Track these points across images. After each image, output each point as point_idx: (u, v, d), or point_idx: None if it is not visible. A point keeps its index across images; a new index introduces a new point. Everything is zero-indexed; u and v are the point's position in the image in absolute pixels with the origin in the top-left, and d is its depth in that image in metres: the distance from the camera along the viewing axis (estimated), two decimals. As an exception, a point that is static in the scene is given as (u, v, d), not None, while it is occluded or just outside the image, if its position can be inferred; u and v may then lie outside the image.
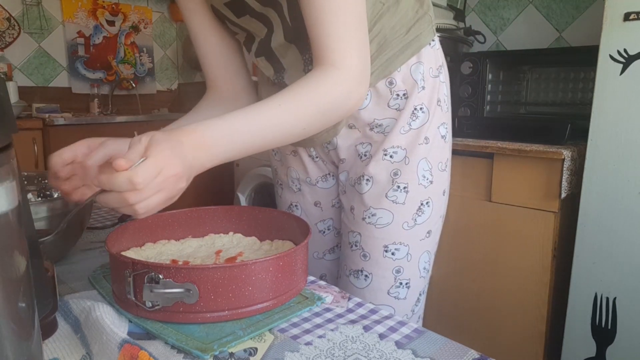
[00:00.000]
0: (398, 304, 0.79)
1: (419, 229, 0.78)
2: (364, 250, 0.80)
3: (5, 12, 2.78)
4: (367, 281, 0.80)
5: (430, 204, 0.78)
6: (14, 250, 0.32)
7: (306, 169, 0.90)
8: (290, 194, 0.95)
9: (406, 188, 0.77)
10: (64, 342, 0.54)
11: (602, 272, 1.37)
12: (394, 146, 0.76)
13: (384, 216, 0.78)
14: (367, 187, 0.79)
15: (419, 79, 0.75)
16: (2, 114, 0.31)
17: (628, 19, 1.24)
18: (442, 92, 0.78)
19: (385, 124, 0.77)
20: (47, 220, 0.70)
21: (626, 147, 1.28)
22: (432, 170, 0.78)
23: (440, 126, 0.78)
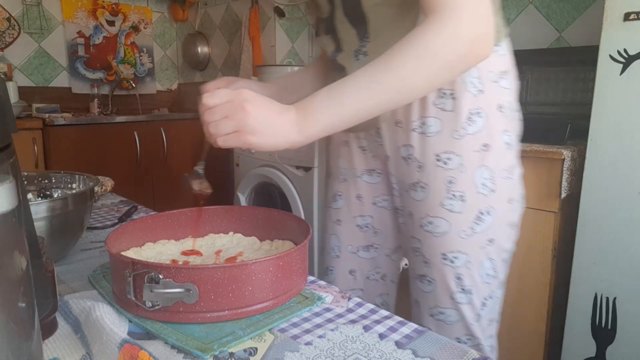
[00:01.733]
0: (462, 308, 0.79)
1: (478, 237, 0.76)
2: (424, 256, 0.80)
3: (5, 12, 2.78)
4: (431, 286, 0.80)
5: (491, 212, 0.75)
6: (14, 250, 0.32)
7: (353, 159, 0.91)
8: (336, 184, 0.96)
9: (463, 197, 0.74)
10: (64, 342, 0.54)
11: (602, 272, 1.37)
12: (447, 152, 0.74)
13: (440, 225, 0.76)
14: (422, 194, 0.78)
15: (470, 81, 0.72)
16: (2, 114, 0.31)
17: (628, 19, 1.24)
18: (505, 98, 0.75)
19: (428, 124, 0.74)
20: (47, 220, 0.70)
21: (626, 147, 1.28)
22: (494, 179, 0.75)
23: (503, 133, 0.75)
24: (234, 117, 0.60)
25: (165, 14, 3.56)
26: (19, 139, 2.31)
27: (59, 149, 2.46)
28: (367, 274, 0.96)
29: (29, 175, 0.91)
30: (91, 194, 0.80)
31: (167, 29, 3.59)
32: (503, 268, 0.80)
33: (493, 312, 0.82)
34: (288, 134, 0.62)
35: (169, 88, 3.66)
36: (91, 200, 0.80)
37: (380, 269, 0.96)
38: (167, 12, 3.57)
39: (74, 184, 0.92)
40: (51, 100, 2.90)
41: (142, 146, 2.76)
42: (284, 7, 2.77)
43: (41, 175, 0.92)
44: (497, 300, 0.82)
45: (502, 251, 0.79)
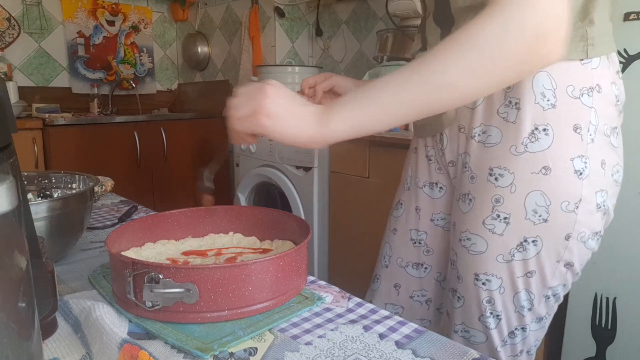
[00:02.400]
0: (488, 332, 0.74)
1: (516, 265, 0.69)
2: (458, 271, 0.76)
3: (5, 12, 2.78)
4: (460, 302, 0.77)
5: (538, 243, 0.67)
6: (14, 250, 0.32)
7: (418, 168, 0.86)
8: (400, 191, 0.93)
9: (507, 219, 0.68)
10: (64, 342, 0.54)
11: (602, 272, 1.37)
12: (501, 167, 0.67)
13: (477, 243, 0.71)
14: (468, 207, 0.72)
15: (541, 91, 0.64)
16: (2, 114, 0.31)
17: (628, 19, 1.24)
18: (585, 117, 0.64)
19: (488, 133, 0.69)
20: (47, 220, 0.70)
21: (626, 147, 1.28)
22: (549, 208, 0.65)
23: (575, 158, 0.65)
24: (253, 98, 0.59)
25: (165, 14, 3.56)
26: (19, 139, 2.31)
27: (59, 149, 2.46)
28: (412, 292, 0.91)
29: (29, 175, 0.91)
30: (91, 194, 0.80)
31: (167, 29, 3.59)
32: (545, 303, 0.73)
33: (526, 344, 0.76)
34: (308, 125, 0.58)
35: (169, 88, 3.66)
36: (91, 200, 0.80)
37: (427, 292, 0.90)
38: (167, 12, 3.57)
39: (74, 184, 0.92)
40: (51, 100, 2.90)
41: (142, 146, 2.76)
42: (284, 7, 2.77)
43: (41, 175, 0.92)
44: (532, 333, 0.75)
45: (545, 287, 0.71)
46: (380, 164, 1.81)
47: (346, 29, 2.70)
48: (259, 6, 2.84)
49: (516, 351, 0.76)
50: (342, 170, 1.99)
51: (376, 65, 2.22)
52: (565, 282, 0.72)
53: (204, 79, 3.45)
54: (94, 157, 2.58)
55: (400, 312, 0.93)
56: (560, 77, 0.64)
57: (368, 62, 2.58)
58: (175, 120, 2.95)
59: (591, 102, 0.65)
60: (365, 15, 2.59)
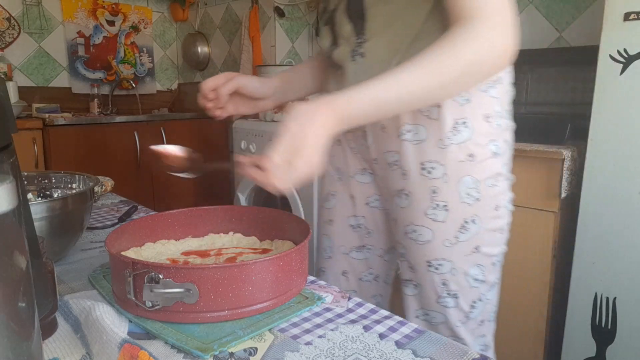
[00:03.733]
0: (448, 311, 0.79)
1: (462, 245, 0.76)
2: (409, 262, 0.81)
3: (5, 12, 2.78)
4: (417, 290, 0.82)
5: (476, 221, 0.75)
6: (14, 250, 0.32)
7: (347, 159, 0.90)
8: (329, 183, 0.95)
9: (446, 206, 0.74)
10: (64, 342, 0.54)
11: (602, 272, 1.37)
12: (431, 160, 0.74)
13: (423, 233, 0.77)
14: (406, 202, 0.78)
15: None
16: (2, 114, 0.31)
17: (628, 19, 1.24)
18: (492, 107, 0.74)
19: (414, 131, 0.74)
20: (47, 220, 0.70)
21: (626, 147, 1.28)
22: (478, 188, 0.74)
23: (490, 143, 0.74)
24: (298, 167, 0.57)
25: (165, 14, 3.56)
26: (19, 139, 2.31)
27: (59, 149, 2.46)
28: (360, 275, 0.95)
29: (29, 175, 0.91)
30: (91, 194, 0.80)
31: (167, 29, 3.59)
32: (493, 271, 0.80)
33: (484, 313, 0.81)
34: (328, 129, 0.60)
35: (169, 88, 3.66)
36: (91, 200, 0.80)
37: (373, 270, 0.95)
38: (167, 12, 3.57)
39: (74, 184, 0.92)
40: (51, 100, 2.90)
41: (142, 146, 2.76)
42: (284, 7, 2.77)
43: (41, 175, 0.92)
44: (489, 301, 0.81)
45: (490, 257, 0.78)
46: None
47: (346, 29, 2.70)
48: (259, 6, 2.84)
49: (477, 323, 0.81)
50: (342, 170, 1.98)
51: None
52: (502, 245, 0.81)
53: (204, 79, 3.44)
54: (94, 157, 2.58)
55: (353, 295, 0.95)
56: None
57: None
58: (175, 120, 2.95)
59: (496, 93, 0.74)
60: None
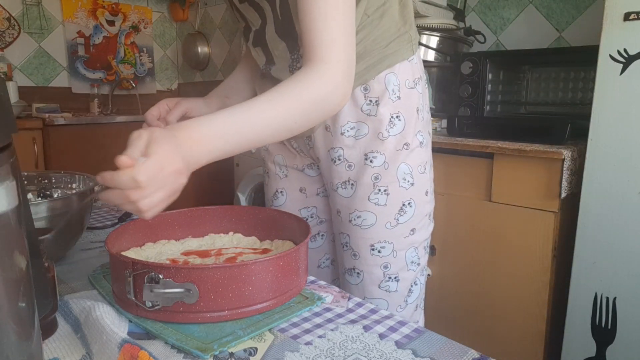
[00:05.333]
0: (390, 296, 0.85)
1: (401, 227, 0.83)
2: (353, 250, 0.86)
3: (5, 12, 2.78)
4: (360, 278, 0.86)
5: (412, 204, 0.83)
6: (14, 250, 0.32)
7: (292, 157, 0.95)
8: (275, 181, 0.99)
9: (387, 190, 0.82)
10: (64, 342, 0.54)
11: (602, 272, 1.37)
12: (374, 151, 0.81)
13: (368, 217, 0.83)
14: (351, 191, 0.84)
15: (392, 89, 0.79)
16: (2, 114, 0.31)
17: (628, 18, 1.24)
18: (419, 101, 0.83)
19: (357, 128, 0.81)
20: (47, 220, 0.70)
21: (626, 147, 1.28)
22: (412, 173, 0.83)
23: (417, 133, 0.83)
24: (168, 186, 0.54)
25: (165, 13, 3.56)
26: (19, 139, 2.31)
27: (59, 149, 2.46)
28: (318, 262, 1.00)
29: (29, 175, 0.91)
30: (91, 194, 0.80)
31: (167, 28, 3.59)
32: (424, 255, 0.89)
33: (419, 298, 0.89)
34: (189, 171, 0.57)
35: (169, 88, 3.66)
36: (91, 200, 0.80)
37: (329, 255, 1.00)
38: (167, 12, 3.57)
39: (74, 184, 0.92)
40: (51, 100, 2.90)
41: (142, 146, 2.75)
42: (284, 7, 2.77)
43: (41, 175, 0.92)
44: (422, 286, 0.89)
45: (422, 240, 0.87)
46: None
47: (346, 29, 2.70)
48: (259, 6, 2.84)
49: (412, 308, 0.88)
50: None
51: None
52: (430, 230, 0.89)
53: (204, 79, 3.45)
54: (94, 157, 2.58)
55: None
56: (401, 74, 0.80)
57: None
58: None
59: (420, 89, 0.83)
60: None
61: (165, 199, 0.55)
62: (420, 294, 0.89)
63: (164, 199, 0.54)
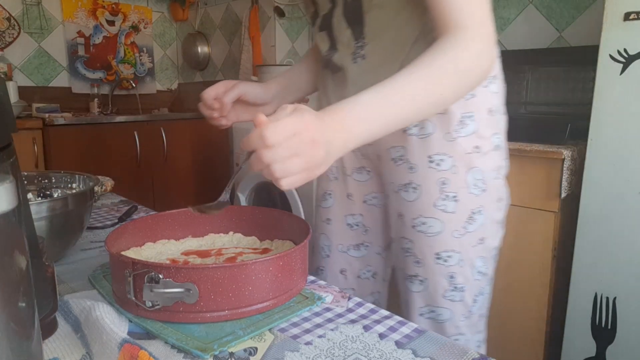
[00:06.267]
0: (454, 305, 0.80)
1: (470, 236, 0.78)
2: (416, 256, 0.81)
3: (5, 12, 2.78)
4: (423, 286, 0.81)
5: (482, 211, 0.77)
6: (14, 250, 0.32)
7: (343, 158, 0.89)
8: (325, 182, 0.95)
9: (455, 197, 0.76)
10: (64, 341, 0.54)
11: (602, 272, 1.37)
12: (440, 153, 0.75)
13: (434, 225, 0.78)
14: (414, 195, 0.78)
15: None
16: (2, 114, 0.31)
17: (628, 18, 1.24)
18: (494, 102, 0.77)
19: (420, 126, 0.76)
20: (47, 220, 0.70)
21: (626, 147, 1.28)
22: (484, 179, 0.77)
23: (493, 136, 0.77)
24: (303, 154, 0.51)
25: (165, 13, 3.56)
26: (19, 139, 2.31)
27: (59, 149, 2.46)
28: (358, 272, 0.96)
29: (29, 175, 0.91)
30: (91, 194, 0.80)
31: (167, 28, 3.59)
32: (492, 265, 0.83)
33: (483, 307, 0.84)
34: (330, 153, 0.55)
35: (169, 88, 3.66)
36: (91, 200, 0.80)
37: (371, 267, 0.96)
38: (167, 12, 3.57)
39: (74, 184, 0.92)
40: (51, 100, 2.90)
41: (142, 146, 2.76)
42: (284, 6, 2.77)
43: (41, 175, 0.92)
44: (487, 296, 0.84)
45: (492, 249, 0.81)
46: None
47: (346, 29, 2.70)
48: (259, 6, 2.84)
49: (477, 317, 0.83)
50: (342, 170, 1.98)
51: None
52: (500, 238, 0.83)
53: (204, 79, 3.45)
54: (94, 157, 2.58)
55: (352, 293, 0.95)
56: None
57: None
58: (175, 120, 2.95)
59: (496, 88, 0.78)
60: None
61: (302, 170, 0.51)
62: (484, 303, 0.84)
63: (301, 169, 0.51)
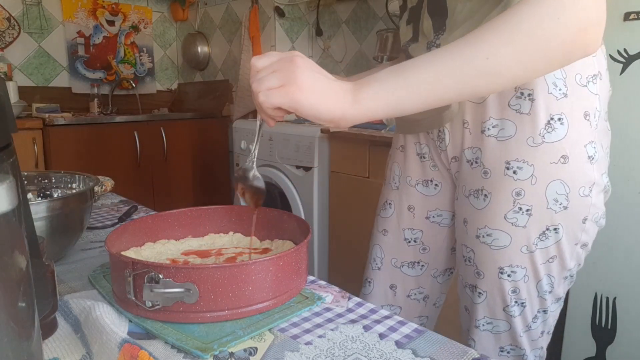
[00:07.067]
0: (513, 320, 0.75)
1: (540, 253, 0.70)
2: (477, 267, 0.75)
3: (5, 12, 2.78)
4: (482, 298, 0.76)
5: (559, 230, 0.69)
6: (14, 250, 0.32)
7: (408, 166, 0.85)
8: (388, 191, 0.90)
9: (529, 211, 0.68)
10: (64, 341, 0.54)
11: (602, 272, 1.37)
12: (519, 160, 0.67)
13: (500, 238, 0.71)
14: (484, 203, 0.71)
15: (552, 81, 0.64)
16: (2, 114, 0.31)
17: (628, 18, 1.24)
18: (592, 104, 0.66)
19: (500, 126, 0.68)
20: (47, 220, 0.70)
21: (626, 146, 1.28)
22: (568, 195, 0.67)
23: (587, 145, 0.66)
24: (281, 69, 0.53)
25: (165, 13, 3.56)
26: (19, 139, 2.31)
27: (59, 149, 2.46)
28: (409, 291, 0.90)
29: (29, 175, 0.91)
30: (91, 194, 0.80)
31: (167, 28, 3.59)
32: (563, 285, 0.75)
33: (546, 325, 0.78)
34: (342, 100, 0.53)
35: (169, 88, 3.66)
36: (91, 200, 0.80)
37: (424, 290, 0.90)
38: (167, 12, 3.57)
39: (74, 184, 0.92)
40: (51, 100, 2.90)
41: (142, 146, 2.76)
42: (284, 7, 2.77)
43: (41, 175, 0.92)
44: (552, 314, 0.77)
45: (565, 270, 0.73)
46: (380, 164, 1.81)
47: (346, 29, 2.70)
48: (259, 6, 2.84)
49: (538, 334, 0.77)
50: (342, 170, 1.99)
51: (376, 65, 2.22)
52: (580, 261, 0.74)
53: (204, 79, 3.45)
54: (94, 157, 2.58)
55: (398, 312, 0.92)
56: (569, 66, 0.63)
57: (368, 62, 2.58)
58: (175, 120, 2.95)
59: (596, 89, 0.66)
60: (365, 15, 2.59)
61: (279, 85, 0.52)
62: (547, 321, 0.77)
63: (277, 84, 0.52)
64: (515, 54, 0.50)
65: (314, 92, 0.53)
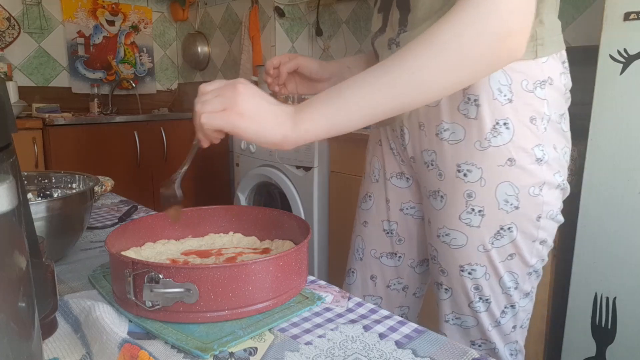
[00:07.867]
0: (479, 316, 0.77)
1: (497, 251, 0.73)
2: (441, 266, 0.78)
3: (5, 12, 2.78)
4: (448, 294, 0.79)
5: (513, 229, 0.71)
6: (14, 250, 0.32)
7: (385, 160, 0.88)
8: (368, 184, 0.93)
9: (482, 212, 0.71)
10: (64, 341, 0.54)
11: (602, 272, 1.37)
12: (468, 162, 0.70)
13: (457, 237, 0.74)
14: (441, 204, 0.75)
15: (497, 87, 0.66)
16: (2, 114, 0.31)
17: (628, 18, 1.24)
18: (540, 109, 0.68)
19: (451, 131, 0.70)
20: (47, 220, 0.70)
21: (626, 147, 1.28)
22: (518, 195, 0.69)
23: (535, 147, 0.68)
24: (224, 95, 0.56)
25: (165, 13, 3.56)
26: (19, 139, 2.31)
27: (59, 149, 2.46)
28: (388, 282, 0.93)
29: (29, 175, 0.91)
30: (91, 194, 0.80)
31: (167, 28, 3.59)
32: (528, 280, 0.76)
33: (517, 319, 0.79)
34: (281, 125, 0.56)
35: (169, 88, 3.66)
36: (91, 200, 0.80)
37: (403, 280, 0.92)
38: (167, 12, 3.56)
39: (74, 184, 0.92)
40: (51, 100, 2.90)
41: (142, 146, 2.76)
42: (284, 7, 2.77)
43: (41, 175, 0.92)
44: (522, 309, 0.78)
45: (527, 266, 0.75)
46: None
47: (346, 29, 2.70)
48: (259, 6, 2.84)
49: (509, 328, 0.79)
50: (342, 170, 1.99)
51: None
52: (542, 257, 0.76)
53: (204, 79, 3.45)
54: (94, 157, 2.58)
55: (379, 302, 0.94)
56: (514, 73, 0.66)
57: (368, 62, 2.58)
58: (175, 120, 2.95)
59: (544, 94, 0.68)
60: (365, 15, 2.59)
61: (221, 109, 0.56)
62: (517, 316, 0.78)
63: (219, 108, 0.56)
64: (438, 66, 0.53)
65: (254, 118, 0.56)
